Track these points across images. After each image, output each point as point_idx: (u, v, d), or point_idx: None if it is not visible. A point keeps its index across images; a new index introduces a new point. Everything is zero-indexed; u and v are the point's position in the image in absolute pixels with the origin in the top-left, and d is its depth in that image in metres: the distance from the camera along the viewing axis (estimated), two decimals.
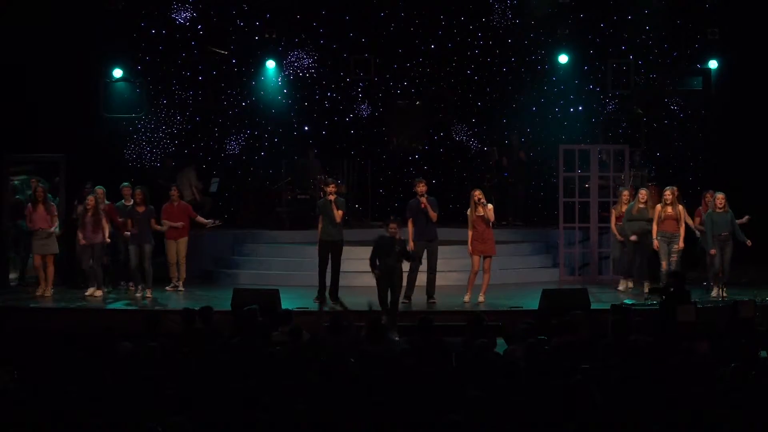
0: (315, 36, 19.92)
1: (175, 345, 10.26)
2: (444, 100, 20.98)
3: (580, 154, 17.64)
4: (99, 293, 15.59)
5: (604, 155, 17.97)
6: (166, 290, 16.02)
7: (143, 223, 15.58)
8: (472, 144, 20.80)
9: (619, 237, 16.18)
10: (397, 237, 13.48)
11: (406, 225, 14.71)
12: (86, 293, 15.57)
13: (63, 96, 17.98)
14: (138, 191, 15.70)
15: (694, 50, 19.37)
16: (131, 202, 15.91)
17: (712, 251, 15.18)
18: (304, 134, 20.45)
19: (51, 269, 15.69)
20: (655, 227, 15.27)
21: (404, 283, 14.02)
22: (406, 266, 13.98)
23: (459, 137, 20.81)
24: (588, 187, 17.55)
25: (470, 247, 14.83)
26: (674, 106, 19.71)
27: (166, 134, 19.75)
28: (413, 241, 14.73)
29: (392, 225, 13.50)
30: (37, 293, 15.63)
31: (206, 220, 16.69)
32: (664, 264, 15.15)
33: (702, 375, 8.31)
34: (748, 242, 15.12)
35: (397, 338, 12.16)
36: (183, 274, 16.18)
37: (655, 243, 15.24)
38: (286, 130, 20.31)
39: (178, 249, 16.08)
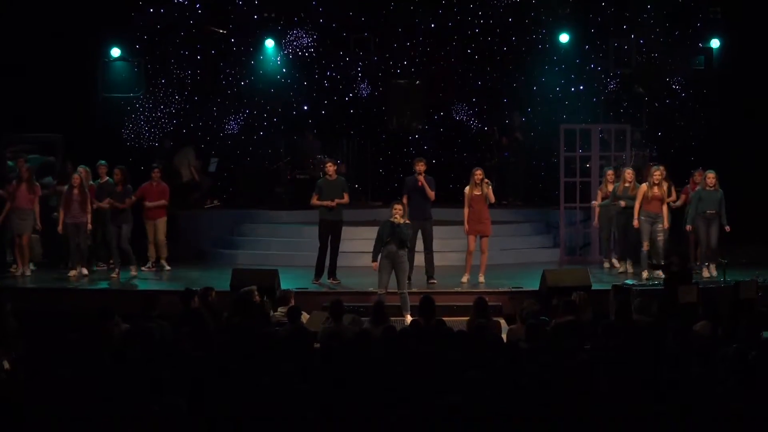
0: (314, 15, 19.79)
1: (174, 325, 10.22)
2: (444, 80, 20.86)
3: (581, 134, 17.55)
4: (86, 272, 15.58)
5: (606, 135, 17.89)
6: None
7: (122, 202, 15.58)
8: (472, 123, 20.71)
9: (595, 220, 16.23)
10: (397, 222, 13.26)
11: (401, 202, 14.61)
12: (69, 273, 15.51)
13: (61, 75, 17.90)
14: (117, 170, 15.72)
15: (696, 29, 19.24)
16: (105, 180, 15.89)
17: (688, 227, 15.17)
18: (303, 114, 20.36)
19: (26, 249, 15.62)
20: (637, 206, 15.14)
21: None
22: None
23: (459, 117, 20.73)
24: (589, 167, 17.47)
25: (467, 226, 14.71)
26: (676, 86, 19.61)
27: (164, 114, 19.66)
28: (408, 220, 14.57)
29: (397, 206, 13.37)
30: (17, 273, 15.59)
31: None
32: (645, 244, 15.03)
33: (703, 356, 8.26)
34: (727, 228, 14.98)
35: (410, 319, 12.14)
36: (164, 254, 16.27)
37: (636, 222, 15.13)
38: (285, 109, 20.22)
39: (156, 229, 16.14)
